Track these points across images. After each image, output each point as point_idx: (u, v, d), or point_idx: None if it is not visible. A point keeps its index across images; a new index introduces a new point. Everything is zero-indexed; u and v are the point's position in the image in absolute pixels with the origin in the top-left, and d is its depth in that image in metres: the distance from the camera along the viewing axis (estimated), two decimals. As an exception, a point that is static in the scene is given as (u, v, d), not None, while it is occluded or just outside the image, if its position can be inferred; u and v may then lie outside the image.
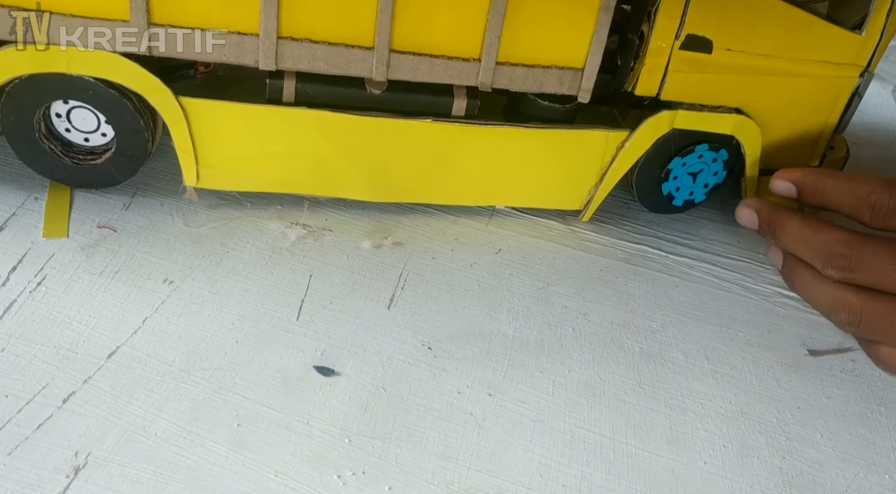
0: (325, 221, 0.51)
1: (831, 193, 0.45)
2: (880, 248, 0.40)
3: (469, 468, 0.37)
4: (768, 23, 0.48)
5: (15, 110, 0.44)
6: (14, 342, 0.39)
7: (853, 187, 0.44)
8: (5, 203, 0.47)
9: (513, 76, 0.47)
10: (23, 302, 0.41)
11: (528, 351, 0.44)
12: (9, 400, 0.35)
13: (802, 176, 0.46)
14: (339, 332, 0.42)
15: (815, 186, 0.46)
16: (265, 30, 0.43)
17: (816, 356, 0.48)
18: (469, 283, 0.48)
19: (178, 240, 0.46)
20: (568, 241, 0.53)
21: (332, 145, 0.48)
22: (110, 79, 0.43)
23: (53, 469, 0.33)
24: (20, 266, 0.43)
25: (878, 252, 0.40)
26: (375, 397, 0.39)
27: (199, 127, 0.46)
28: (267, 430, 0.36)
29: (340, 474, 0.35)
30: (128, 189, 0.50)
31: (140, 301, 0.42)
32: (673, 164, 0.53)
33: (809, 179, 0.46)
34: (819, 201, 0.46)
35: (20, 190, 0.48)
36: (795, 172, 0.47)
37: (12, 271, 0.42)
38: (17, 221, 0.45)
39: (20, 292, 0.41)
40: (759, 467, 0.40)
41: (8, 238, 0.44)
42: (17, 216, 0.46)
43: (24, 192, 0.48)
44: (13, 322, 0.39)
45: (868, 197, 0.43)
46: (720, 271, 0.53)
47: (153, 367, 0.38)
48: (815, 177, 0.46)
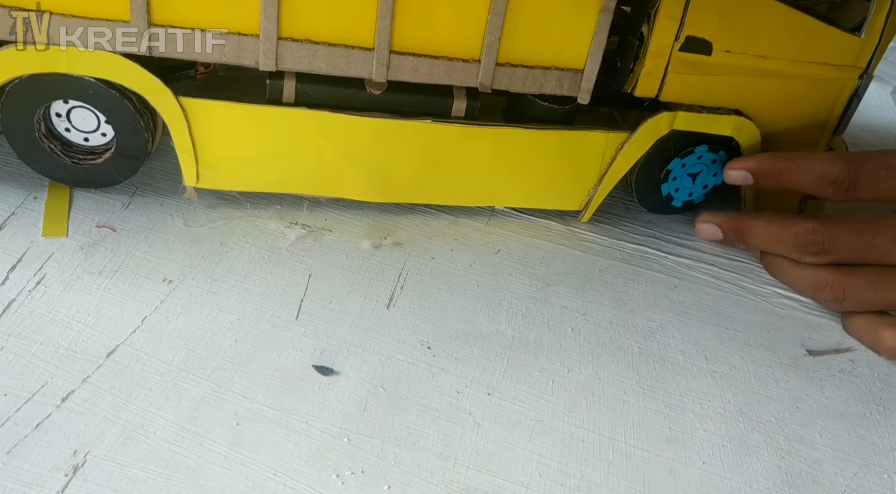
0: (325, 221, 0.51)
1: (789, 175, 0.46)
2: (845, 226, 0.44)
3: (468, 467, 0.36)
4: (768, 25, 0.48)
5: (15, 110, 0.44)
6: (13, 341, 0.38)
7: (810, 166, 0.46)
8: (5, 202, 0.47)
9: (513, 77, 0.47)
10: (22, 301, 0.41)
11: (528, 351, 0.44)
12: (7, 399, 0.35)
13: (757, 163, 0.48)
14: (339, 331, 0.42)
15: (771, 170, 0.47)
16: (265, 30, 0.43)
17: (815, 356, 0.48)
18: (468, 283, 0.48)
19: (178, 239, 0.46)
20: (567, 241, 0.53)
21: (332, 146, 0.48)
22: (110, 79, 0.43)
23: (52, 467, 0.33)
24: (19, 265, 0.43)
25: (845, 231, 0.43)
26: (374, 396, 0.39)
27: (198, 127, 0.46)
28: (266, 429, 0.36)
29: (339, 473, 0.35)
30: (127, 189, 0.50)
31: (139, 300, 0.42)
32: (672, 165, 0.53)
33: (765, 165, 0.47)
34: (777, 183, 0.47)
35: (20, 189, 0.48)
36: (749, 160, 0.48)
37: (11, 270, 0.42)
38: (16, 220, 0.45)
39: (19, 291, 0.41)
40: (757, 466, 0.40)
41: (7, 237, 0.44)
42: (17, 216, 0.46)
43: (23, 191, 0.48)
44: (12, 321, 0.39)
45: (828, 173, 0.45)
46: (719, 272, 0.53)
47: (152, 366, 0.38)
48: (770, 161, 0.47)
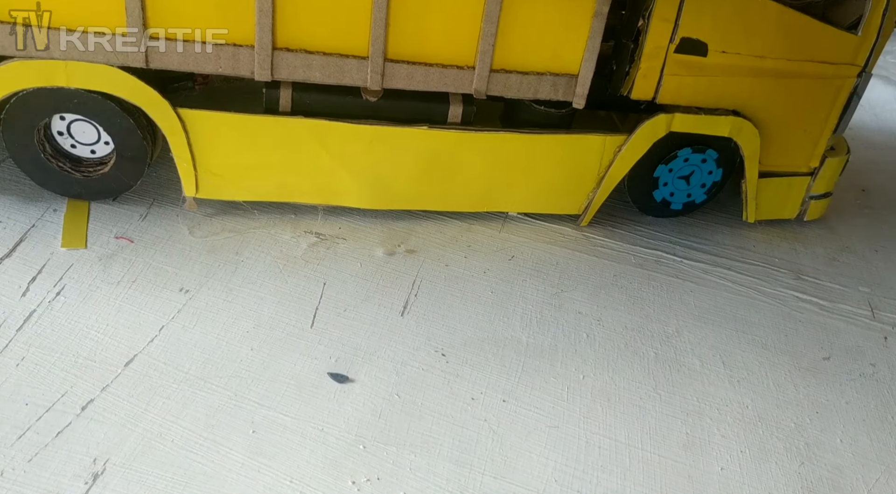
0: (339, 229, 0.51)
1: None
2: None
3: (483, 474, 0.37)
4: (763, 25, 0.48)
5: (15, 134, 0.46)
6: (34, 351, 0.39)
7: None
8: (25, 215, 0.48)
9: (507, 83, 0.48)
10: (42, 312, 0.41)
11: (543, 357, 0.44)
12: (29, 408, 0.36)
13: None
14: (354, 339, 0.43)
15: None
16: (260, 41, 0.44)
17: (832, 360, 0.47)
18: (482, 289, 0.48)
19: (194, 250, 0.47)
20: (581, 247, 0.53)
21: (329, 154, 0.48)
22: (109, 92, 0.44)
23: (73, 475, 0.33)
24: (39, 277, 0.44)
25: None
26: (390, 403, 0.39)
27: (197, 138, 0.47)
28: (282, 437, 0.37)
29: (356, 480, 0.35)
30: (144, 200, 0.51)
31: (156, 310, 0.43)
32: (659, 171, 0.53)
33: None
34: None
35: (40, 202, 0.49)
36: None
37: (32, 281, 0.43)
38: (36, 232, 0.46)
39: (39, 302, 0.42)
40: (777, 472, 0.39)
41: (28, 249, 0.45)
42: (37, 228, 0.47)
43: (43, 204, 0.49)
44: (33, 332, 0.40)
45: None
46: (735, 276, 0.53)
47: (170, 375, 0.39)
48: None
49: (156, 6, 0.43)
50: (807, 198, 0.56)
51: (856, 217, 0.64)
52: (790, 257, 0.56)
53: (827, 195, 0.57)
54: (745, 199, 0.54)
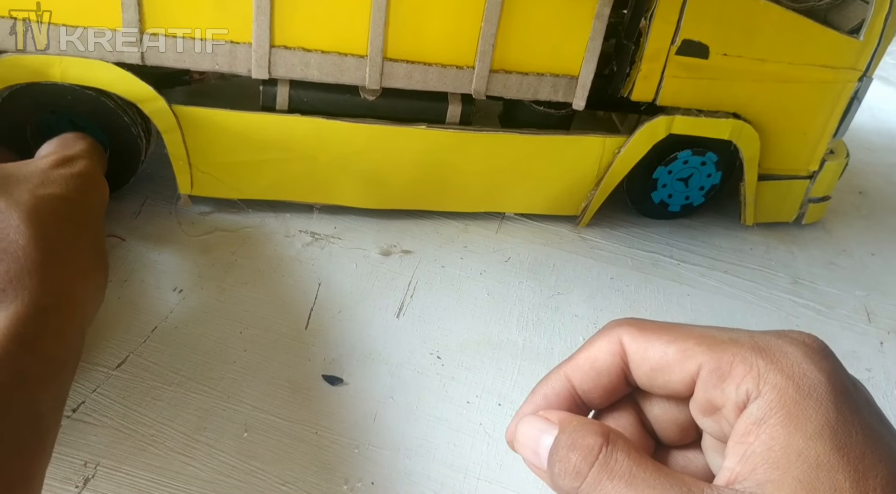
0: (334, 229, 0.51)
1: None
2: None
3: (478, 478, 0.36)
4: (765, 27, 0.48)
5: (5, 130, 0.45)
6: (24, 351, 0.38)
7: None
8: (16, 212, 0.47)
9: (507, 84, 0.47)
10: (33, 311, 0.40)
11: (538, 360, 0.43)
12: (18, 410, 0.35)
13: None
14: (348, 341, 0.42)
15: None
16: (258, 39, 0.43)
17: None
18: (478, 291, 0.48)
19: (188, 249, 0.46)
20: (578, 248, 0.53)
21: (326, 152, 0.48)
22: (104, 88, 0.43)
23: (63, 479, 0.33)
24: (31, 275, 0.43)
25: None
26: (384, 406, 0.39)
27: (192, 135, 0.46)
28: (275, 439, 0.36)
29: (349, 483, 0.35)
30: (137, 198, 0.50)
31: (149, 310, 0.42)
32: (658, 173, 0.53)
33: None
34: None
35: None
36: None
37: (23, 279, 0.42)
38: (27, 229, 0.45)
39: (30, 301, 0.41)
40: (772, 478, 0.39)
41: (19, 247, 0.44)
42: (28, 225, 0.46)
43: (35, 200, 0.48)
44: (23, 331, 0.39)
45: None
46: (732, 280, 0.53)
47: (162, 376, 0.38)
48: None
49: (155, 6, 0.42)
50: (805, 201, 0.56)
51: (853, 220, 0.64)
52: (787, 261, 0.56)
53: (826, 199, 0.57)
54: (744, 201, 0.54)
